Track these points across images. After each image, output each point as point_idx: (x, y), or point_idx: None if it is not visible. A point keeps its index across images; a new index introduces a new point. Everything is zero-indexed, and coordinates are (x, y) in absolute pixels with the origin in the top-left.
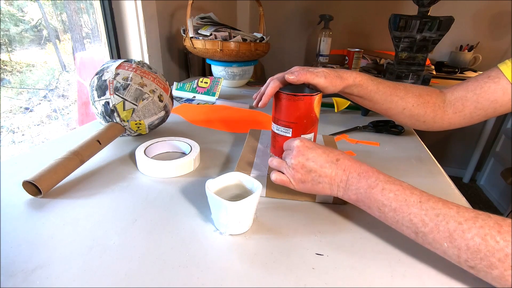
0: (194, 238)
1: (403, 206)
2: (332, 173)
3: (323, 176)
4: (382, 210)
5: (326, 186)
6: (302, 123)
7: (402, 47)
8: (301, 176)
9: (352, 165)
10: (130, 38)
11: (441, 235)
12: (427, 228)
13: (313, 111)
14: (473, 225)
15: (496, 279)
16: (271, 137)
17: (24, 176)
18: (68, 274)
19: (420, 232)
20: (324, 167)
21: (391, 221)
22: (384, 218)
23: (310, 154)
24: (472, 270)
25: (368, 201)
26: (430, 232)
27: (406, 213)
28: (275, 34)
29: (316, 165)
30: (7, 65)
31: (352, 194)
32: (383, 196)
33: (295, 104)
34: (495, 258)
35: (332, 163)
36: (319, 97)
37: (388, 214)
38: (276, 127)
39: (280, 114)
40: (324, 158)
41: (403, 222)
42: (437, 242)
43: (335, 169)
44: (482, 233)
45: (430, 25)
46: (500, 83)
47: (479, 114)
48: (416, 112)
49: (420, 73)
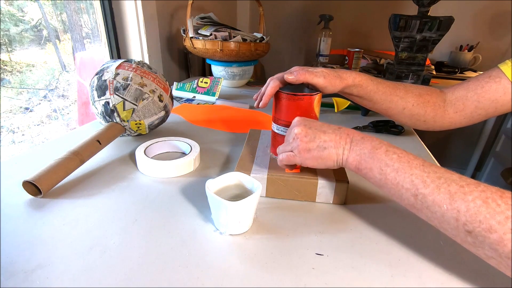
0: (194, 238)
1: (405, 167)
2: (337, 137)
3: (328, 141)
4: (383, 171)
5: (332, 151)
6: None
7: (402, 47)
8: (306, 144)
9: (354, 131)
10: (130, 38)
11: (441, 196)
12: (428, 189)
13: (313, 111)
14: (475, 188)
15: (493, 244)
16: (271, 137)
17: (24, 176)
18: (68, 274)
19: (420, 194)
20: (327, 132)
21: (391, 183)
22: (384, 181)
23: (312, 124)
24: (469, 236)
25: (371, 161)
26: (431, 194)
27: (408, 174)
28: (275, 34)
29: (319, 131)
30: (7, 65)
31: (355, 155)
32: (387, 156)
33: (295, 104)
34: (495, 220)
35: (335, 130)
36: (319, 97)
37: (389, 175)
38: (276, 127)
39: (280, 114)
40: (326, 127)
41: (404, 184)
42: (436, 204)
43: (338, 133)
44: (484, 196)
45: (430, 25)
46: (501, 82)
47: (480, 114)
48: (416, 112)
49: (420, 73)
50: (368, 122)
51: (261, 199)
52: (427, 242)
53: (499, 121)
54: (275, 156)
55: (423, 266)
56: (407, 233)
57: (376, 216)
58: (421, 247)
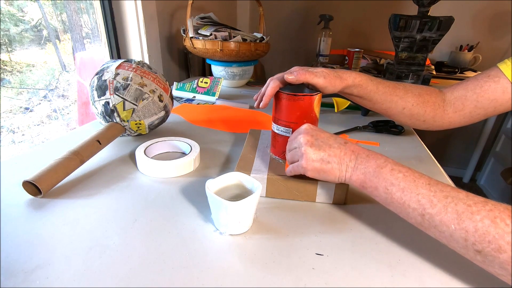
0: (194, 238)
1: (411, 186)
2: (341, 153)
3: (332, 156)
4: (389, 190)
5: (335, 167)
6: (302, 123)
7: (402, 47)
8: (312, 155)
9: (360, 148)
10: (130, 38)
11: (449, 216)
12: (435, 209)
13: (313, 111)
14: (483, 208)
15: (503, 263)
16: (271, 137)
17: (24, 176)
18: (68, 274)
19: (427, 213)
20: (333, 146)
21: (397, 202)
22: (390, 200)
23: (319, 135)
24: (479, 255)
25: (376, 180)
26: (438, 214)
27: (414, 193)
28: (275, 34)
29: (325, 144)
30: (7, 65)
31: (360, 173)
32: (392, 175)
33: (295, 104)
34: (504, 241)
35: (341, 145)
36: (319, 97)
37: (395, 194)
38: (276, 127)
39: (280, 114)
40: (333, 140)
41: (410, 203)
42: (444, 224)
43: (344, 149)
44: (492, 216)
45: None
46: (500, 82)
47: (479, 113)
48: (416, 112)
49: (420, 73)
50: (368, 122)
51: (261, 199)
52: (427, 242)
53: (499, 121)
54: (275, 156)
55: (423, 266)
56: (407, 233)
57: (376, 216)
58: (421, 247)
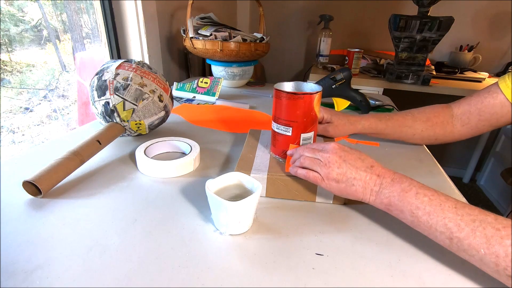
0: (194, 238)
1: (437, 210)
2: (367, 177)
3: (357, 179)
4: (415, 214)
5: (359, 190)
6: (302, 122)
7: (402, 47)
8: (337, 175)
9: (386, 172)
10: (130, 38)
11: (477, 240)
12: (462, 233)
13: (313, 110)
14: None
15: None
16: (272, 136)
17: (24, 176)
18: (68, 274)
19: (455, 237)
20: (360, 170)
21: (424, 226)
22: (416, 223)
23: (347, 157)
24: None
25: (401, 204)
26: (466, 238)
27: (440, 217)
28: (275, 34)
29: (352, 168)
30: (7, 65)
31: (384, 198)
32: (417, 199)
33: (295, 102)
34: None
35: (367, 168)
36: (318, 95)
37: (421, 218)
38: (276, 126)
39: (280, 113)
40: (359, 163)
41: (437, 227)
42: (473, 249)
43: (369, 173)
44: None
45: (430, 25)
46: (498, 98)
47: (484, 125)
48: (426, 135)
49: (420, 73)
50: None
51: (261, 199)
52: (427, 242)
53: None
54: (275, 155)
55: (423, 266)
56: (407, 233)
57: (376, 216)
58: (421, 247)
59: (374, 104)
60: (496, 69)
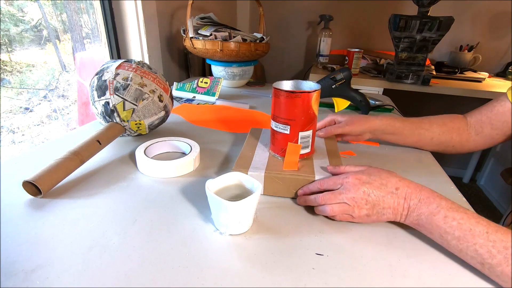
0: (194, 238)
1: (467, 235)
2: (394, 203)
3: (386, 208)
4: (444, 238)
5: (390, 216)
6: (300, 120)
7: (402, 47)
8: (367, 211)
9: (412, 192)
10: (130, 38)
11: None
12: (494, 260)
13: (311, 108)
14: None
15: None
16: (271, 134)
17: (24, 176)
18: (68, 274)
19: (487, 263)
20: (386, 198)
21: (454, 249)
22: (446, 245)
23: (369, 190)
24: None
25: (429, 227)
26: (498, 265)
27: (471, 243)
28: (275, 34)
29: (378, 199)
30: (7, 65)
31: (413, 219)
32: (446, 223)
33: (293, 101)
34: None
35: (393, 193)
36: (317, 94)
37: (451, 242)
38: (275, 124)
39: (279, 111)
40: (383, 190)
41: (468, 252)
42: (506, 275)
43: (396, 199)
44: None
45: (430, 25)
46: (506, 105)
47: (498, 134)
48: (443, 139)
49: (420, 73)
50: None
51: (261, 199)
52: (427, 242)
53: None
54: (274, 153)
55: (423, 266)
56: (407, 233)
57: None
58: (421, 247)
59: (374, 104)
60: (496, 69)
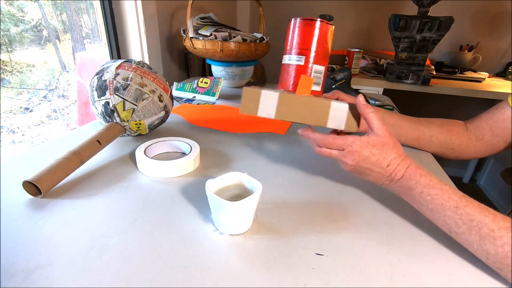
0: (194, 238)
1: (439, 208)
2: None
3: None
4: (420, 208)
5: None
6: (316, 51)
7: (402, 47)
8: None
9: (399, 170)
10: (130, 38)
11: (472, 238)
12: (459, 230)
13: (326, 42)
14: (506, 234)
15: None
16: (281, 71)
17: (24, 176)
18: (68, 274)
19: (453, 232)
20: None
21: (428, 217)
22: (423, 213)
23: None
24: (500, 272)
25: (407, 198)
26: (462, 234)
27: (441, 215)
28: (275, 34)
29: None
30: (7, 65)
31: (394, 189)
32: (421, 198)
33: (310, 30)
34: None
35: (382, 168)
36: (332, 30)
37: (425, 212)
38: (289, 58)
39: (294, 42)
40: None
41: (438, 222)
42: (468, 242)
43: (383, 173)
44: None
45: (430, 25)
46: (506, 113)
47: (499, 141)
48: (443, 139)
49: (420, 73)
50: None
51: (261, 199)
52: (427, 242)
53: None
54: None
55: (423, 266)
56: (407, 233)
57: (376, 216)
58: (420, 247)
59: (374, 104)
60: (496, 69)
